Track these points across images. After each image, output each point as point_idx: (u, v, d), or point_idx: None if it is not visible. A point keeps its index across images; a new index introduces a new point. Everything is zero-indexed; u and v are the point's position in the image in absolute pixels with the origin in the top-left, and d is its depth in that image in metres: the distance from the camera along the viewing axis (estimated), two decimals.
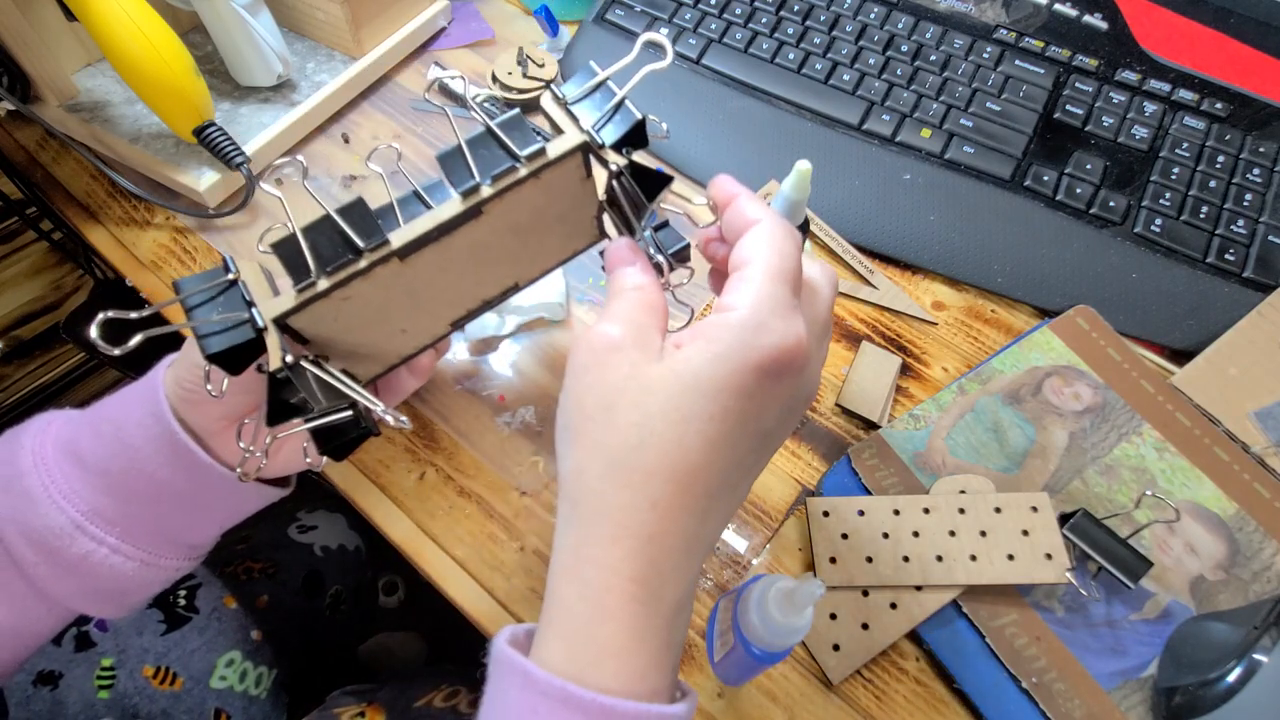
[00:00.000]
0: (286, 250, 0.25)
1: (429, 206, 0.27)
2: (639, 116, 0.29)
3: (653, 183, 0.29)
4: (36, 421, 0.34)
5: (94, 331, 0.23)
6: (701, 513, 0.25)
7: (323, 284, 0.26)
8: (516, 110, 0.28)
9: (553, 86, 0.29)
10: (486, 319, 0.44)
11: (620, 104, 0.29)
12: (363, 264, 0.26)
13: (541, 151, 0.27)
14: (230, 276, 0.26)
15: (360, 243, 0.25)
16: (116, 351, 0.23)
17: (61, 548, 0.31)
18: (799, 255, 0.27)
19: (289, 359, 0.25)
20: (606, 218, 0.32)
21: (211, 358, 0.26)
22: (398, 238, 0.26)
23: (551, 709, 0.23)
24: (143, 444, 0.31)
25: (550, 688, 0.23)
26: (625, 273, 0.28)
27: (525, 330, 0.45)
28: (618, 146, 0.29)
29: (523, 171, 0.27)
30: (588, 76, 0.29)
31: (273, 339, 0.26)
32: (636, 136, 0.29)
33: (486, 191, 0.27)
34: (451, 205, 0.27)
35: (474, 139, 0.27)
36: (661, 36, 0.30)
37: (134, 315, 0.24)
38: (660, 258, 0.31)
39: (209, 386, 0.28)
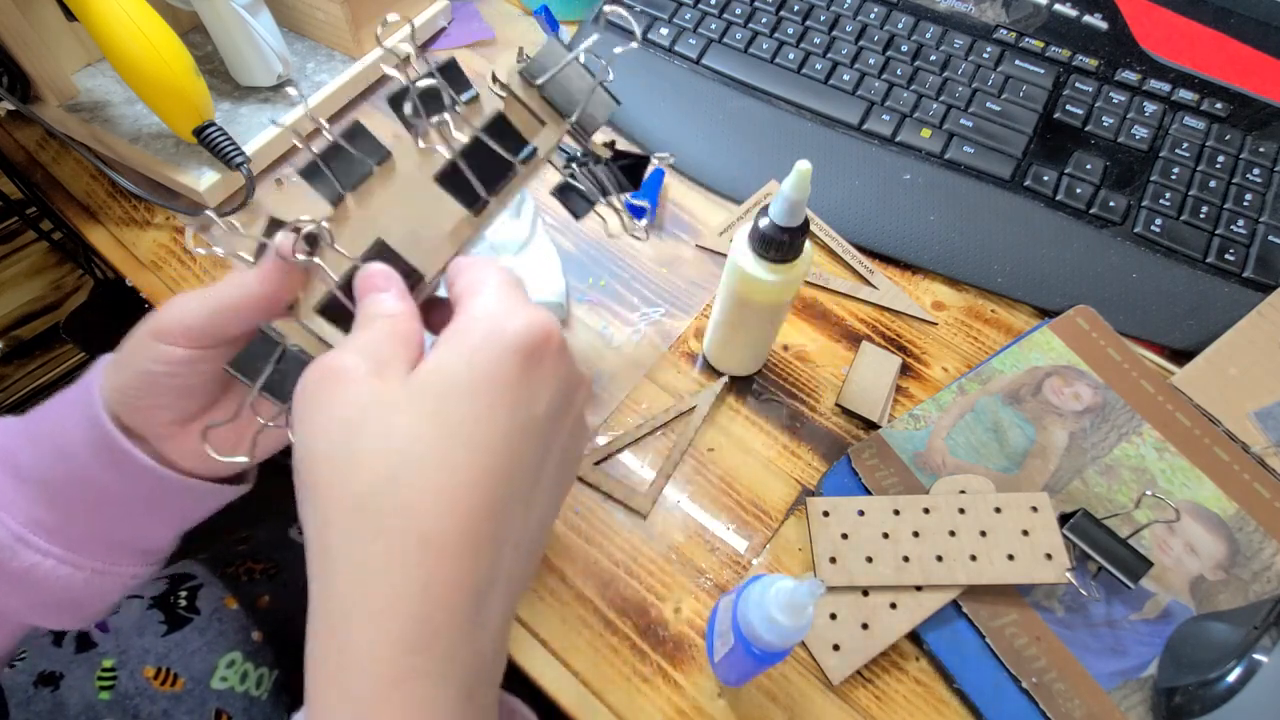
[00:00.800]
0: (310, 174, 0.29)
1: None
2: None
3: (636, 167, 0.32)
4: None
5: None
6: (491, 539, 0.20)
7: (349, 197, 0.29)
8: (498, 113, 0.28)
9: (522, 73, 0.30)
10: None
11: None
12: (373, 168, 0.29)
13: (534, 153, 0.29)
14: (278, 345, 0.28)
15: (371, 161, 0.29)
16: None
17: (3, 561, 0.29)
18: (519, 287, 0.25)
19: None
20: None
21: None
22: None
23: None
24: (81, 450, 0.29)
25: None
26: (374, 300, 0.25)
27: None
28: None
29: (520, 172, 0.28)
30: (552, 58, 0.29)
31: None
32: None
33: (492, 201, 0.28)
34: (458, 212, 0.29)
35: (468, 152, 0.27)
36: (621, 9, 0.31)
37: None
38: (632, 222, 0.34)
39: (261, 419, 0.29)
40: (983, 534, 0.37)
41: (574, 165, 0.33)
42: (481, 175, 0.27)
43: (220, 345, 0.28)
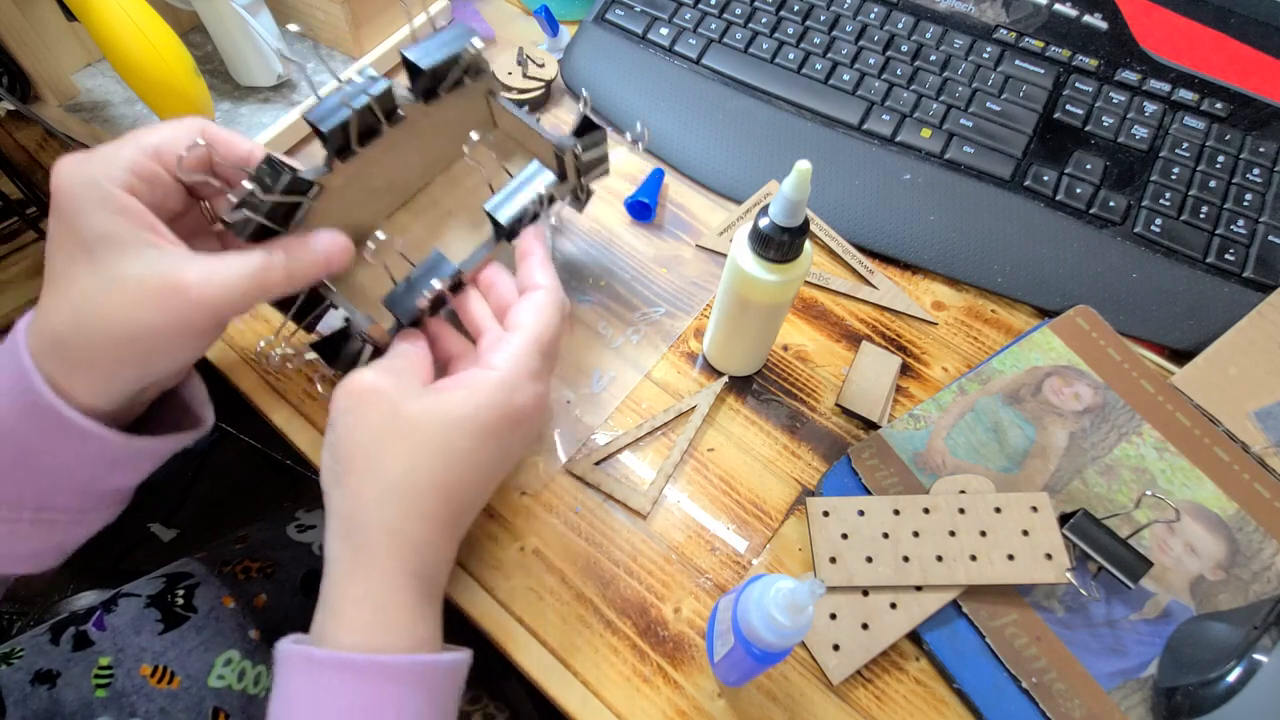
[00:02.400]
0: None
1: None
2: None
3: (587, 128, 0.39)
4: None
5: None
6: (458, 518, 0.31)
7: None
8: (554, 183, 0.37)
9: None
10: None
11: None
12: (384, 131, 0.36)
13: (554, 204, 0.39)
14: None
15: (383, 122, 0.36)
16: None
17: None
18: (561, 325, 0.33)
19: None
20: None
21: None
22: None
23: (348, 679, 0.27)
24: (16, 421, 0.28)
25: (350, 660, 0.27)
26: (402, 342, 0.34)
27: None
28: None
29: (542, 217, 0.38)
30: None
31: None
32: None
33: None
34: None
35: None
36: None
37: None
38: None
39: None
40: (983, 534, 0.37)
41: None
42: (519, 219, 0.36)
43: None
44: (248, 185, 0.30)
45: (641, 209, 0.49)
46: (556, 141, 0.39)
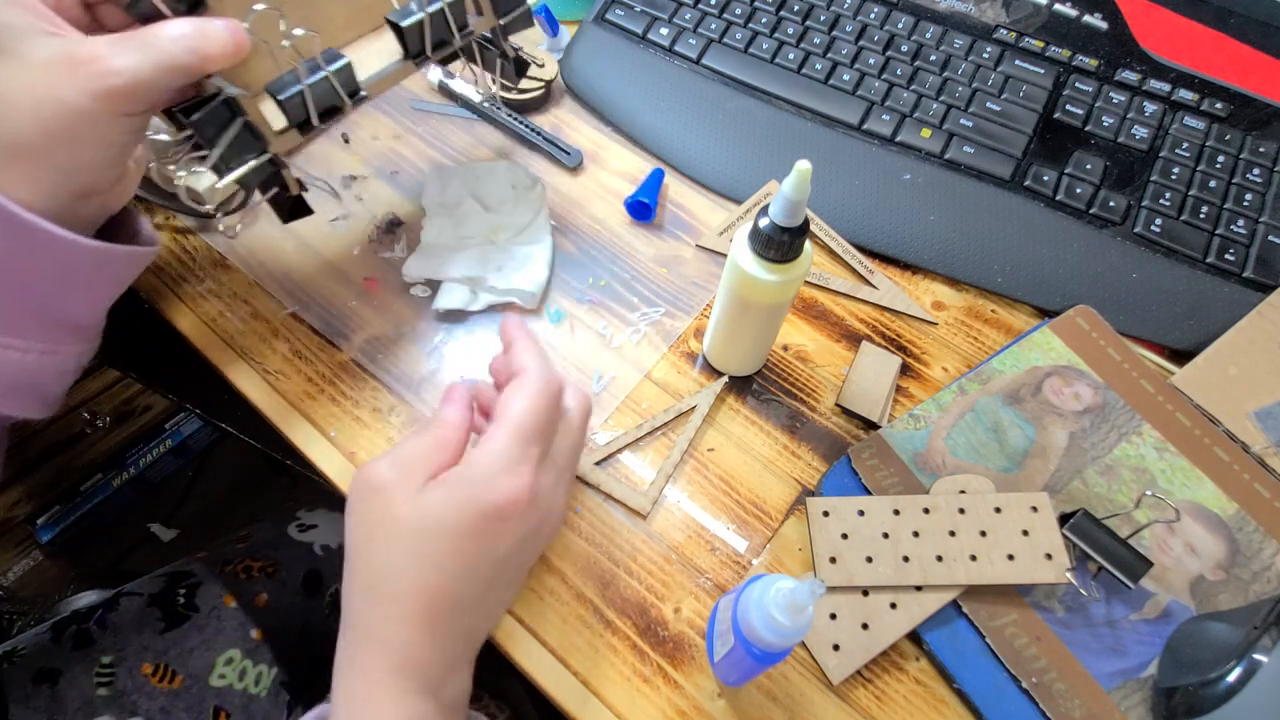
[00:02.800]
0: None
1: None
2: None
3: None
4: None
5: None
6: (447, 622, 0.30)
7: None
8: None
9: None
10: (458, 291, 0.45)
11: None
12: None
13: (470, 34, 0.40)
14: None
15: None
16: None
17: None
18: (548, 408, 0.31)
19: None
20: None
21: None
22: None
23: None
24: None
25: None
26: (445, 410, 0.33)
27: (496, 310, 0.46)
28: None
29: (456, 46, 0.39)
30: None
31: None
32: None
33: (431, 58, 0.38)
34: None
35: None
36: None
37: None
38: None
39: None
40: (983, 534, 0.37)
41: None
42: (438, 36, 0.36)
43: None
44: None
45: (641, 209, 0.49)
46: None
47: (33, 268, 0.30)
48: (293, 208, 0.38)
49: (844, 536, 0.38)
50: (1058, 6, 0.58)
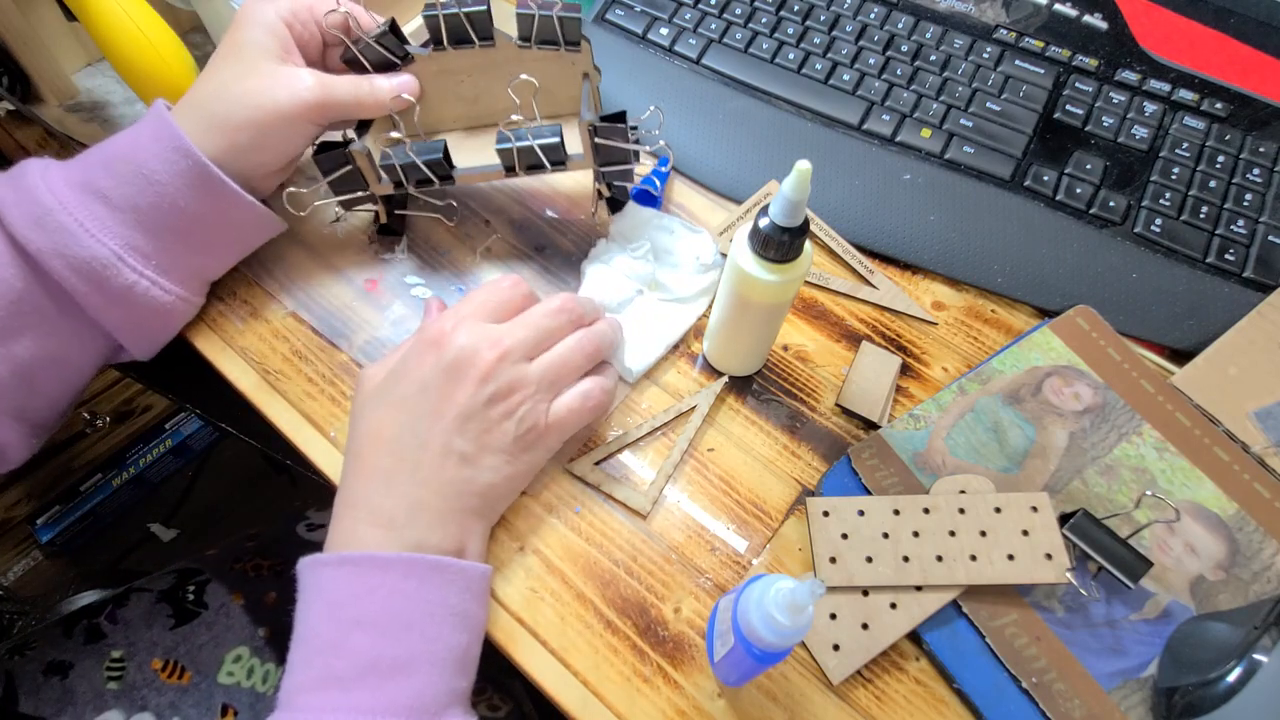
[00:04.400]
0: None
1: None
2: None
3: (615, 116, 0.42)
4: (23, 168, 0.36)
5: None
6: (399, 462, 0.34)
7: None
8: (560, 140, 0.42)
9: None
10: None
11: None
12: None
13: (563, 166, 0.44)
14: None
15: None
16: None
17: (109, 278, 0.36)
18: (512, 289, 0.38)
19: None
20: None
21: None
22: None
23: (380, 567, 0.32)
24: (170, 179, 0.36)
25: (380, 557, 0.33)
26: (425, 320, 0.40)
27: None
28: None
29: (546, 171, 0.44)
30: None
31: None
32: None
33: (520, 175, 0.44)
34: None
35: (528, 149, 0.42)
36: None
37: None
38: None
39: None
40: (983, 534, 0.37)
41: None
42: (527, 161, 0.42)
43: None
44: (366, 38, 0.41)
45: (645, 197, 0.49)
46: (582, 114, 0.42)
47: (216, 221, 0.39)
48: (380, 228, 0.48)
49: (844, 536, 0.38)
50: (1058, 6, 0.58)
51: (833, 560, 0.37)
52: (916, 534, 0.37)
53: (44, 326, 0.36)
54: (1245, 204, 0.49)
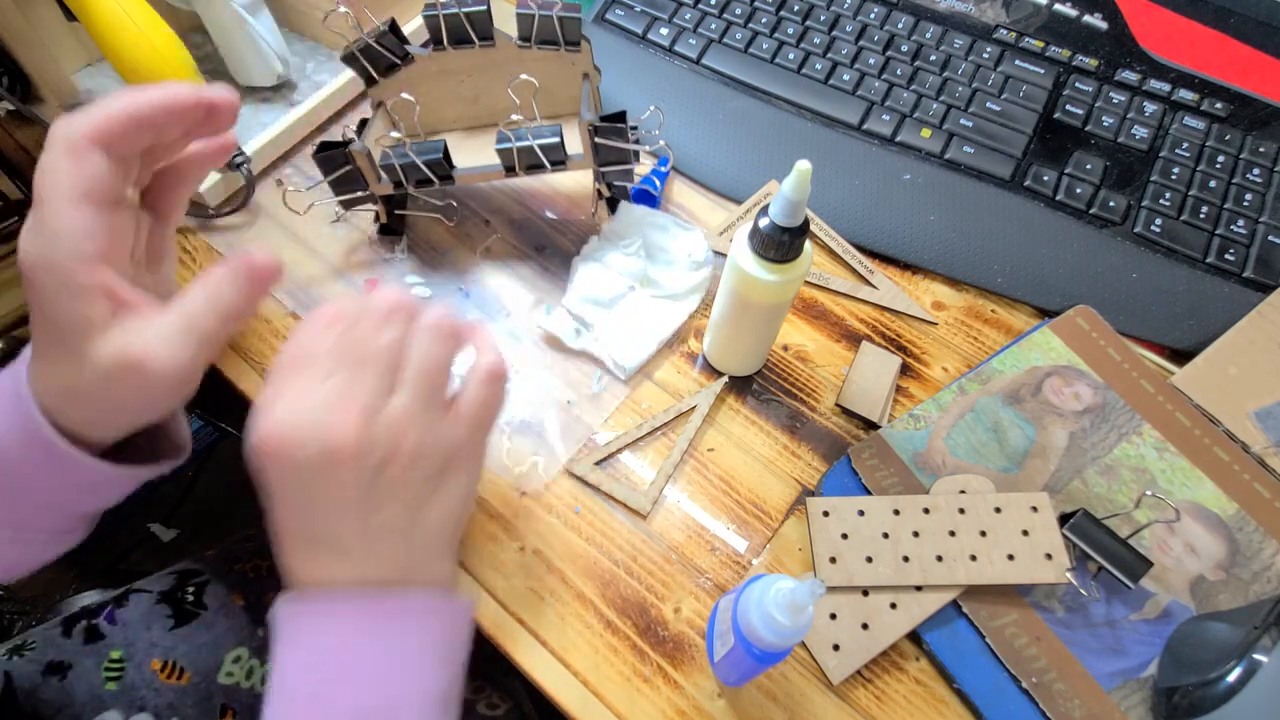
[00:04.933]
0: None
1: None
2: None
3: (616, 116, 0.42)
4: None
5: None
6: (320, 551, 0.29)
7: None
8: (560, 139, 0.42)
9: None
10: (566, 323, 0.44)
11: None
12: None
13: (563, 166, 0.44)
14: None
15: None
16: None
17: None
18: (324, 328, 0.29)
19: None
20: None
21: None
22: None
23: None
24: (12, 448, 0.29)
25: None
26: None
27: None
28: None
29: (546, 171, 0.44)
30: None
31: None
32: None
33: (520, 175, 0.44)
34: None
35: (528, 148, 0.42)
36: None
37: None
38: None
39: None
40: (983, 534, 0.37)
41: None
42: (527, 161, 0.42)
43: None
44: (367, 38, 0.41)
45: (645, 196, 0.49)
46: (582, 114, 0.42)
47: (66, 486, 0.31)
48: (380, 228, 0.48)
49: (844, 536, 0.38)
50: (1058, 6, 0.58)
51: (833, 560, 0.37)
52: (916, 534, 0.37)
53: None
54: (1245, 204, 0.49)
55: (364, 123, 0.44)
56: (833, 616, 0.36)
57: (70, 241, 0.27)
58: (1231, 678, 0.33)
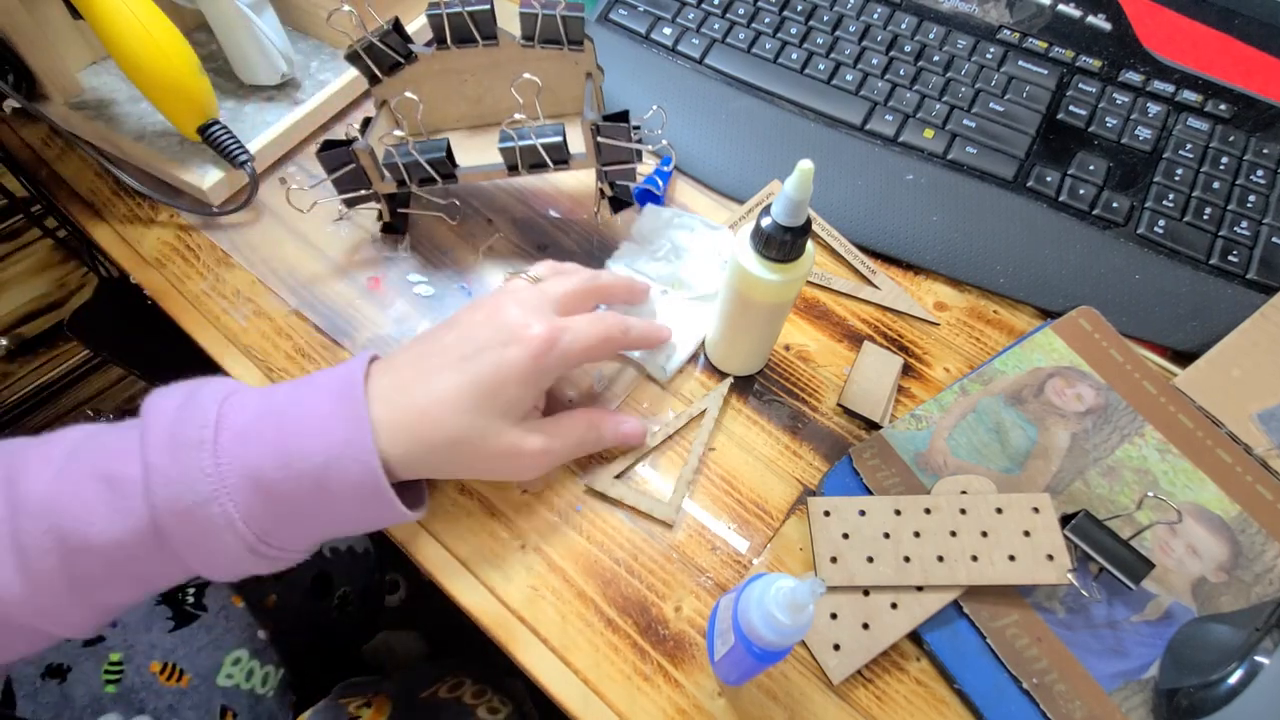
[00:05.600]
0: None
1: None
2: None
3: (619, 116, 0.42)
4: (202, 417, 0.32)
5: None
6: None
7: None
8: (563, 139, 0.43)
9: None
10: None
11: None
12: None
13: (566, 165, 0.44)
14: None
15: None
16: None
17: (219, 549, 0.31)
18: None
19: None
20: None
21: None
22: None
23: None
24: (347, 498, 0.31)
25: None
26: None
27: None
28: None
29: (549, 170, 0.44)
30: None
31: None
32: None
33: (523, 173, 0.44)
34: None
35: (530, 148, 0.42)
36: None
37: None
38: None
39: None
40: (984, 534, 0.37)
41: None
42: (530, 160, 0.43)
43: None
44: (371, 37, 0.41)
45: (648, 196, 0.49)
46: (585, 113, 0.42)
47: (350, 517, 0.33)
48: (383, 226, 0.48)
49: (845, 536, 0.38)
50: (1061, 7, 0.58)
51: (834, 560, 0.37)
52: (918, 534, 0.37)
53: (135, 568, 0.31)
54: (1249, 205, 0.49)
55: (367, 121, 0.44)
56: (833, 616, 0.36)
57: (559, 372, 0.37)
58: (1233, 680, 0.33)
